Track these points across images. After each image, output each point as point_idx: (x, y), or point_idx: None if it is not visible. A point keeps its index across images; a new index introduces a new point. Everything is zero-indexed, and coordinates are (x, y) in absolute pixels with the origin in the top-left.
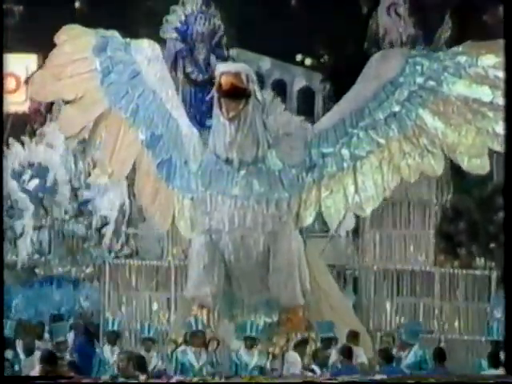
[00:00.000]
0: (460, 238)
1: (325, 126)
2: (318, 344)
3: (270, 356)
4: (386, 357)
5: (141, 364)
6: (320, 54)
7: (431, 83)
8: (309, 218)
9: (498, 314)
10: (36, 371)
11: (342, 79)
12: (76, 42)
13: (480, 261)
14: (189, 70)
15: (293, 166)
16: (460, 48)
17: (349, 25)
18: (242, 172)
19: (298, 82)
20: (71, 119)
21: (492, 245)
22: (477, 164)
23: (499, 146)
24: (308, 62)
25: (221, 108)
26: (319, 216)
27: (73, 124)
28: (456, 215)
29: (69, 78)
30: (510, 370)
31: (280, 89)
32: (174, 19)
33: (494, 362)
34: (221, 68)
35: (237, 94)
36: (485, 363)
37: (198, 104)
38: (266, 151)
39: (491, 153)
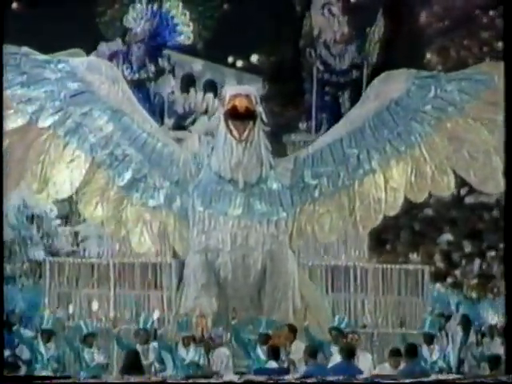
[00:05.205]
0: (391, 235)
1: (320, 146)
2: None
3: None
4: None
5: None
6: (252, 55)
7: (442, 103)
8: (303, 237)
9: (430, 307)
10: None
11: (275, 80)
12: None
13: (413, 256)
14: (123, 67)
15: (287, 186)
16: (478, 68)
17: (282, 25)
18: (245, 192)
19: (229, 83)
20: None
21: (421, 240)
22: (490, 184)
23: None
24: (239, 63)
25: (230, 129)
26: (314, 235)
27: None
28: None
29: None
30: (510, 370)
31: (211, 89)
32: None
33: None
34: (230, 91)
35: (248, 115)
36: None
37: None
38: (269, 172)
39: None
